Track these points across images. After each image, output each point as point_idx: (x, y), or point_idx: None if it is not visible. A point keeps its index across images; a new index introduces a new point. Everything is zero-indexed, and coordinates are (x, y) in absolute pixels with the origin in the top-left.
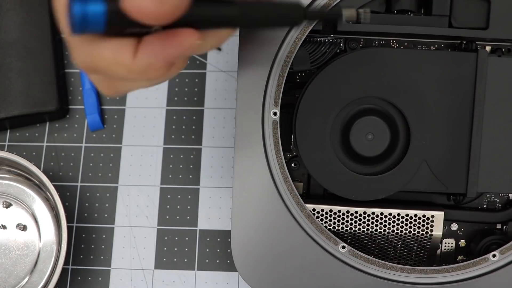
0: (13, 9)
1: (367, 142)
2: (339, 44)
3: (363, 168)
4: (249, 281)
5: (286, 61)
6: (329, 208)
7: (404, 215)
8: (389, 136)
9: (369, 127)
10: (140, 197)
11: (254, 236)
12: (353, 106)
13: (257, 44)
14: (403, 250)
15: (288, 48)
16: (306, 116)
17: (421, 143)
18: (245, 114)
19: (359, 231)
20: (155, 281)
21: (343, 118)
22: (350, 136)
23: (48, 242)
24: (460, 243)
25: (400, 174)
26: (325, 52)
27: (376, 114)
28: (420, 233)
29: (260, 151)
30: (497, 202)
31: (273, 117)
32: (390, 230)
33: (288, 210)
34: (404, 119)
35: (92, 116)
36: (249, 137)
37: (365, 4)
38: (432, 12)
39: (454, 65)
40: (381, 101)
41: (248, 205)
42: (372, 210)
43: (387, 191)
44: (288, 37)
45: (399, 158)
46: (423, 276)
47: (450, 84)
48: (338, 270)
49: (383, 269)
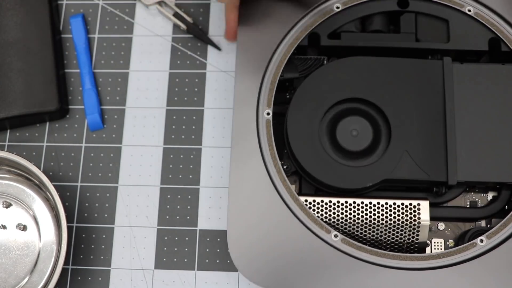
0: (13, 9)
1: (352, 138)
2: (323, 60)
3: (351, 162)
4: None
5: (277, 69)
6: (320, 199)
7: (392, 204)
8: (372, 132)
9: (354, 124)
10: (140, 197)
11: (250, 228)
12: (338, 106)
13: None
14: (394, 240)
15: (279, 58)
16: (296, 116)
17: (401, 136)
18: (241, 114)
19: (350, 220)
20: (155, 281)
21: (330, 117)
22: (336, 133)
23: (48, 242)
24: (448, 243)
25: (385, 163)
26: (311, 65)
27: (359, 113)
28: (409, 221)
29: (255, 146)
30: (479, 202)
31: (266, 116)
32: (379, 218)
33: (283, 200)
34: (384, 116)
35: (92, 116)
36: (245, 134)
37: (344, 25)
38: (400, 30)
39: (425, 70)
40: (363, 102)
41: (244, 196)
42: (361, 200)
43: (373, 179)
44: (279, 49)
45: (383, 151)
46: (414, 262)
47: (423, 85)
48: (332, 257)
49: (375, 256)
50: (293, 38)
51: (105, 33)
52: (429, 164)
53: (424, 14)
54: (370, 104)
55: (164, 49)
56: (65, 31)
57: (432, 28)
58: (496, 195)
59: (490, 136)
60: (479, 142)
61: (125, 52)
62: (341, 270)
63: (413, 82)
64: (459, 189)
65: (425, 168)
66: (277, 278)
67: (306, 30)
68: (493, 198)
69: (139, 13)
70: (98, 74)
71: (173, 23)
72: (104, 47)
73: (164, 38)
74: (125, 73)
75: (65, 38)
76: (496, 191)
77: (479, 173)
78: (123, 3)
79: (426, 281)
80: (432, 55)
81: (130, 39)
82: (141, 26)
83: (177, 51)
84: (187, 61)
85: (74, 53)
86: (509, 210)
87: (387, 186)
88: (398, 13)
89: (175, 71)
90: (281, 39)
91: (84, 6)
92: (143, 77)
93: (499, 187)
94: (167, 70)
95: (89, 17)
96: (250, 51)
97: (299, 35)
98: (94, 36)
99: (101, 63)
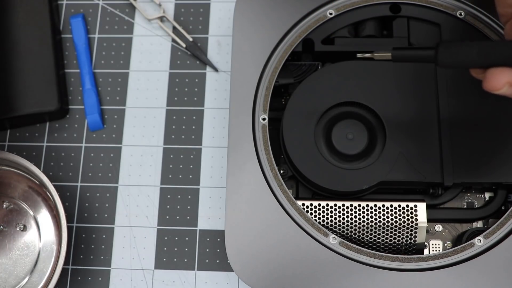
0: (13, 9)
1: (347, 141)
2: (317, 66)
3: (347, 165)
4: (244, 277)
5: (272, 75)
6: (317, 202)
7: (389, 206)
8: (367, 135)
9: (349, 128)
10: (140, 197)
11: (248, 232)
12: (333, 110)
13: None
14: (392, 242)
15: (274, 64)
16: (291, 120)
17: (396, 138)
18: (237, 120)
19: (348, 223)
20: (155, 281)
21: (325, 121)
22: (332, 137)
23: (48, 242)
24: (446, 244)
25: (380, 165)
26: (306, 70)
27: (354, 117)
28: (406, 223)
29: (251, 152)
30: (475, 203)
31: (262, 122)
32: (377, 220)
33: (280, 204)
34: (379, 119)
35: (92, 116)
36: (241, 140)
37: (337, 31)
38: (393, 35)
39: (418, 73)
40: (358, 105)
41: (241, 201)
42: (358, 202)
43: (369, 182)
44: (274, 55)
45: (379, 153)
46: (412, 263)
47: (416, 88)
48: (330, 260)
49: (373, 258)
50: (287, 45)
51: (105, 33)
52: (424, 165)
53: (416, 19)
54: (365, 107)
55: (164, 49)
56: (65, 31)
57: (424, 32)
58: (492, 195)
59: (484, 137)
60: (474, 143)
61: (125, 52)
62: (339, 273)
63: (406, 84)
64: (456, 190)
65: (421, 170)
66: (275, 282)
67: (300, 36)
68: (489, 199)
69: (139, 13)
70: (98, 74)
71: (172, 39)
72: (104, 47)
73: (164, 38)
74: (125, 73)
75: (65, 38)
76: (492, 192)
77: (474, 174)
78: (123, 3)
79: (425, 282)
80: None
81: (130, 39)
82: (141, 26)
83: (177, 51)
84: (187, 61)
85: (74, 53)
86: (505, 210)
87: (384, 188)
88: (391, 18)
89: (175, 71)
90: (275, 45)
91: (84, 6)
92: (143, 77)
93: (495, 188)
94: (167, 70)
95: (89, 17)
96: (244, 57)
97: (293, 41)
98: (94, 36)
99: (101, 63)
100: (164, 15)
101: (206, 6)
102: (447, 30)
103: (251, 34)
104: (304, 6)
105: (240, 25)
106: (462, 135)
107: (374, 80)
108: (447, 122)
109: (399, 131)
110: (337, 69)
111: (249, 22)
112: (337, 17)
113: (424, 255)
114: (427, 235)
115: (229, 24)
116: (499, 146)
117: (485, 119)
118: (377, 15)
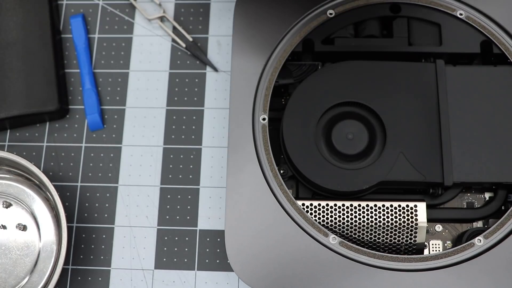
0: (13, 9)
1: (348, 141)
2: (317, 66)
3: (347, 165)
4: (244, 277)
5: (272, 75)
6: (317, 202)
7: (389, 206)
8: (367, 135)
9: (349, 128)
10: (140, 197)
11: (248, 232)
12: (333, 110)
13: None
14: (392, 242)
15: (274, 64)
16: (292, 121)
17: (396, 138)
18: (237, 120)
19: (348, 223)
20: (155, 281)
21: (325, 121)
22: (332, 137)
23: (48, 242)
24: (446, 244)
25: (381, 165)
26: (306, 71)
27: (354, 117)
28: (406, 223)
29: (251, 152)
30: (475, 203)
31: (262, 122)
32: (377, 220)
33: (280, 204)
34: (379, 119)
35: (92, 116)
36: (241, 140)
37: (337, 31)
38: (393, 35)
39: (418, 73)
40: (358, 105)
41: (241, 201)
42: (358, 202)
43: (370, 182)
44: (274, 55)
45: (379, 153)
46: (412, 264)
47: (417, 88)
48: (330, 260)
49: (373, 258)
50: (287, 45)
51: (105, 33)
52: (424, 165)
53: (416, 19)
54: (365, 107)
55: (164, 49)
56: (65, 31)
57: (424, 32)
58: (492, 195)
59: (484, 137)
60: (474, 143)
61: (125, 52)
62: (339, 273)
63: (406, 84)
64: (456, 190)
65: (421, 170)
66: (275, 282)
67: (300, 36)
68: (489, 199)
69: (139, 13)
70: (98, 74)
71: (172, 39)
72: (104, 47)
73: (164, 38)
74: (125, 73)
75: (65, 38)
76: (492, 192)
77: (474, 174)
78: (123, 3)
79: (425, 282)
80: (425, 59)
81: (130, 39)
82: (141, 26)
83: (177, 51)
84: (187, 61)
85: (74, 53)
86: (505, 210)
87: (384, 188)
88: (391, 18)
89: (175, 71)
90: (275, 45)
91: (84, 6)
92: (143, 77)
93: (495, 188)
94: (167, 70)
95: (89, 17)
96: (244, 57)
97: (293, 41)
98: (94, 36)
99: (101, 63)
100: (164, 15)
101: (206, 6)
102: (447, 30)
103: (251, 34)
104: (304, 6)
105: (240, 25)
106: (462, 134)
107: (374, 80)
108: (447, 122)
109: (399, 131)
110: (337, 69)
111: (249, 22)
112: (337, 17)
113: (424, 255)
114: (427, 235)
115: (229, 24)
116: (499, 146)
117: (485, 119)
118: (377, 15)
